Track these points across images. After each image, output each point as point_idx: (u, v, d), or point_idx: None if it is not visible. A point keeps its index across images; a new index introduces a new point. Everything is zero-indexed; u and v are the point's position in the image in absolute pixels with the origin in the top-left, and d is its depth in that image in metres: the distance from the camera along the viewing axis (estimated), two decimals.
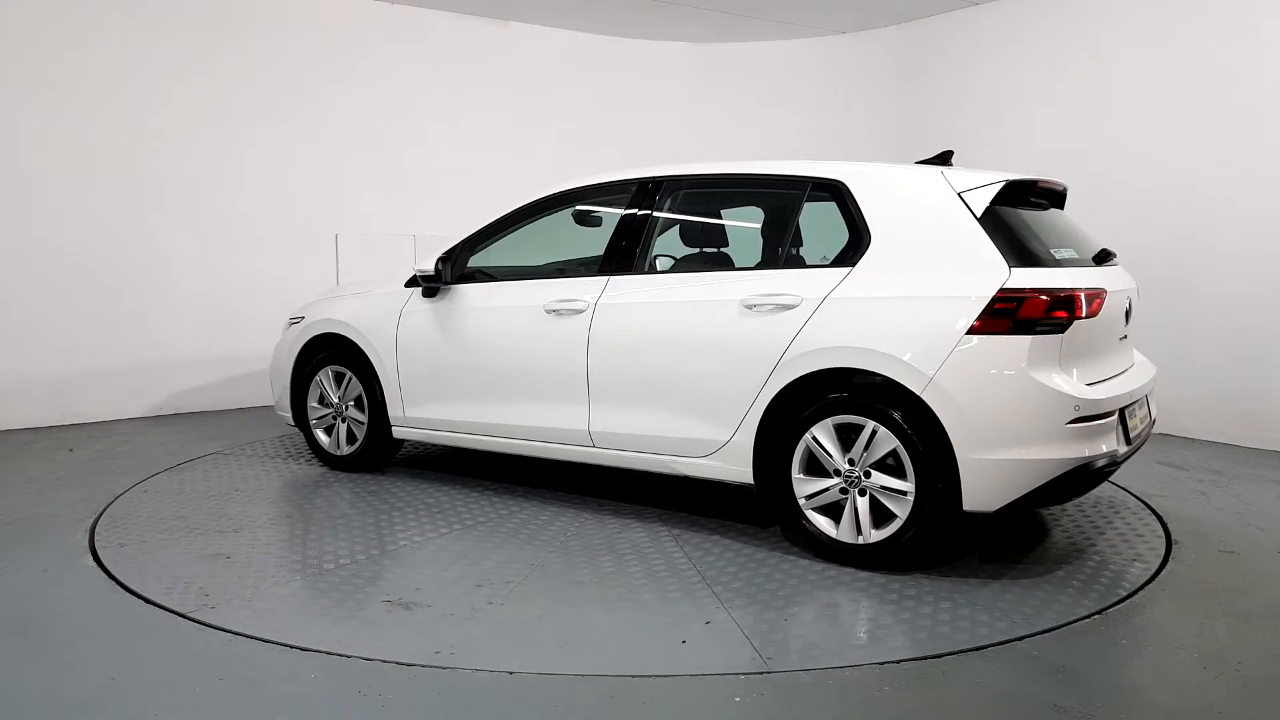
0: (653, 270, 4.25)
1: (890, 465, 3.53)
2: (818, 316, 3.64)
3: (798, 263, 3.99)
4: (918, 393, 3.42)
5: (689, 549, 3.87)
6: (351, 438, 5.08)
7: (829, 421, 3.62)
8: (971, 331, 3.37)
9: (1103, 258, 3.97)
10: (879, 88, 8.25)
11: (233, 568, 3.64)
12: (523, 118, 8.16)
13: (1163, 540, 4.02)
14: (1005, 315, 3.36)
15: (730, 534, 4.08)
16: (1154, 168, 6.34)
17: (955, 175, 3.72)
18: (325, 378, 5.11)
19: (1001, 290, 3.37)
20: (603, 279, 4.23)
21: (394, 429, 4.89)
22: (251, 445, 5.77)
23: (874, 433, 3.53)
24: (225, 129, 6.98)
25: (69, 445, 5.83)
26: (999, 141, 7.30)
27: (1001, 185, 3.66)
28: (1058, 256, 3.67)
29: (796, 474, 3.72)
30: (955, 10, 7.55)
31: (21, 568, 3.66)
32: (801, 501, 3.71)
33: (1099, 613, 3.22)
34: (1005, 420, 3.36)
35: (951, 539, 3.83)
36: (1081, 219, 7.11)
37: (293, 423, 5.28)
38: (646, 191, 4.32)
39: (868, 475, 3.57)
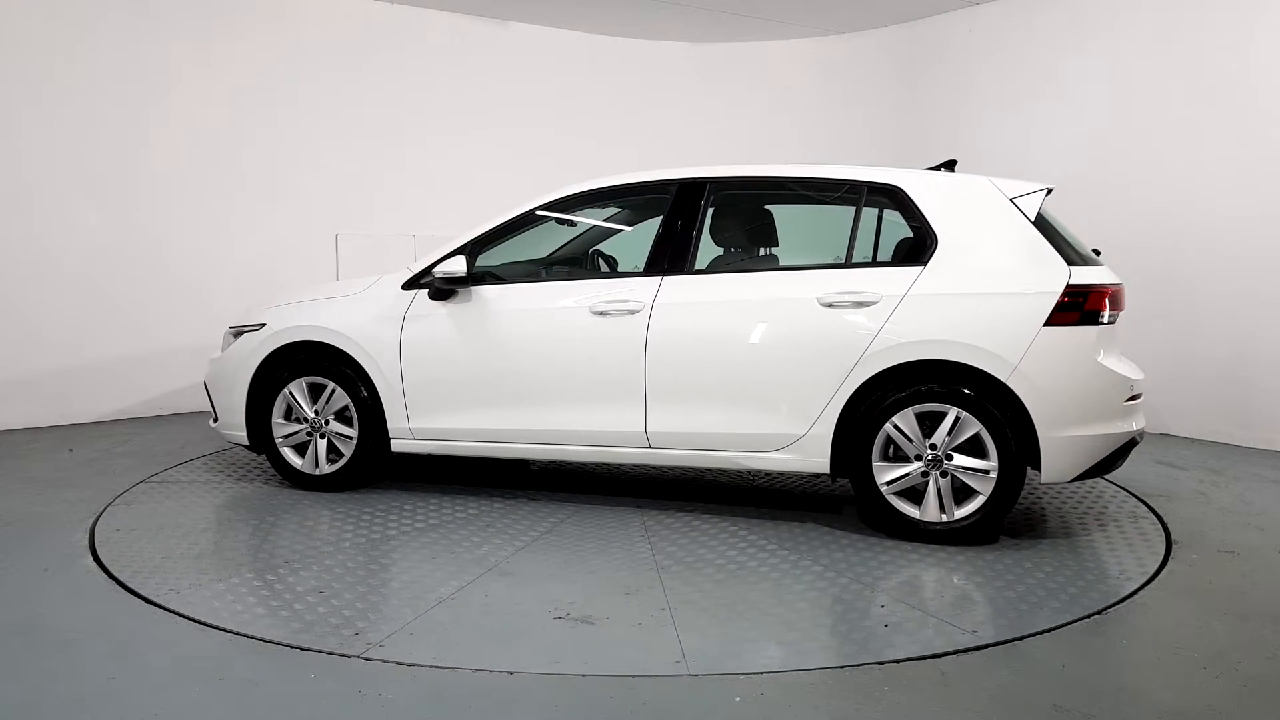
0: (707, 270, 4.25)
1: (965, 447, 3.85)
2: (900, 312, 3.88)
3: (864, 262, 4.11)
4: (1004, 379, 3.77)
5: (776, 541, 3.97)
6: (332, 455, 4.66)
7: (910, 410, 3.87)
8: (1048, 323, 3.76)
9: (1096, 254, 4.19)
10: (879, 87, 8.25)
11: (343, 601, 3.29)
12: (522, 118, 8.16)
13: (1163, 540, 4.02)
14: (1074, 308, 3.79)
15: (795, 521, 4.24)
16: (1153, 167, 6.34)
17: (1002, 183, 4.08)
18: (298, 390, 4.63)
19: (1069, 286, 3.80)
20: (653, 279, 4.20)
21: (394, 442, 4.55)
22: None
23: (957, 418, 3.82)
24: (225, 129, 6.99)
25: (69, 445, 5.83)
26: (998, 140, 7.31)
27: (1045, 193, 4.05)
28: (1085, 255, 4.04)
29: (876, 461, 3.94)
30: (955, 10, 7.55)
31: (21, 568, 3.66)
32: (883, 488, 3.93)
33: (1099, 613, 3.22)
34: (1079, 401, 3.80)
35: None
36: (1081, 218, 7.09)
37: (246, 442, 4.76)
38: (692, 192, 4.31)
39: (949, 458, 3.85)
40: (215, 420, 4.95)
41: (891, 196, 4.11)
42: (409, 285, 4.54)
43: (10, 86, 6.23)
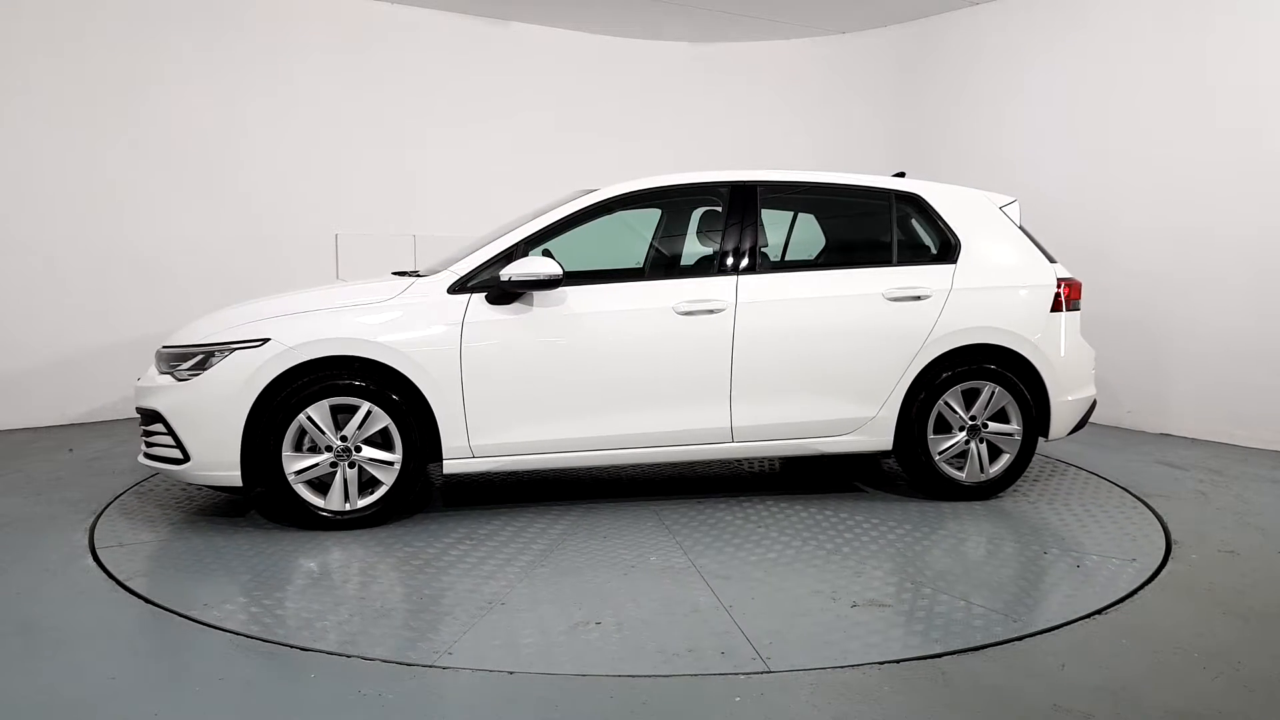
0: (774, 269, 4.55)
1: (992, 417, 4.56)
2: (951, 304, 4.47)
3: (906, 260, 4.63)
4: (1029, 357, 4.52)
5: (890, 519, 4.30)
6: (366, 487, 4.09)
7: (958, 388, 4.50)
8: (1052, 310, 4.57)
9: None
10: (879, 88, 8.25)
11: (630, 631, 3.05)
12: (522, 118, 8.16)
13: (1163, 540, 4.03)
14: (1065, 297, 4.61)
15: (860, 497, 4.70)
16: (1153, 169, 6.34)
17: (989, 194, 4.79)
18: (319, 414, 3.97)
19: (1059, 279, 4.63)
20: (728, 279, 4.35)
21: (448, 464, 4.12)
22: None
23: (993, 392, 4.51)
24: (225, 129, 6.99)
25: (69, 445, 5.83)
26: (998, 141, 7.30)
27: (1017, 202, 4.82)
28: (1050, 254, 4.76)
29: (931, 435, 4.50)
30: (955, 10, 7.55)
31: (21, 568, 3.66)
32: (937, 457, 4.52)
33: (1099, 613, 3.22)
34: (1072, 371, 4.63)
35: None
36: (1081, 220, 7.08)
37: (237, 484, 3.98)
38: (746, 194, 4.52)
39: (985, 426, 4.54)
40: (184, 460, 4.00)
41: (913, 203, 4.68)
42: (457, 289, 4.14)
43: (10, 86, 6.22)
